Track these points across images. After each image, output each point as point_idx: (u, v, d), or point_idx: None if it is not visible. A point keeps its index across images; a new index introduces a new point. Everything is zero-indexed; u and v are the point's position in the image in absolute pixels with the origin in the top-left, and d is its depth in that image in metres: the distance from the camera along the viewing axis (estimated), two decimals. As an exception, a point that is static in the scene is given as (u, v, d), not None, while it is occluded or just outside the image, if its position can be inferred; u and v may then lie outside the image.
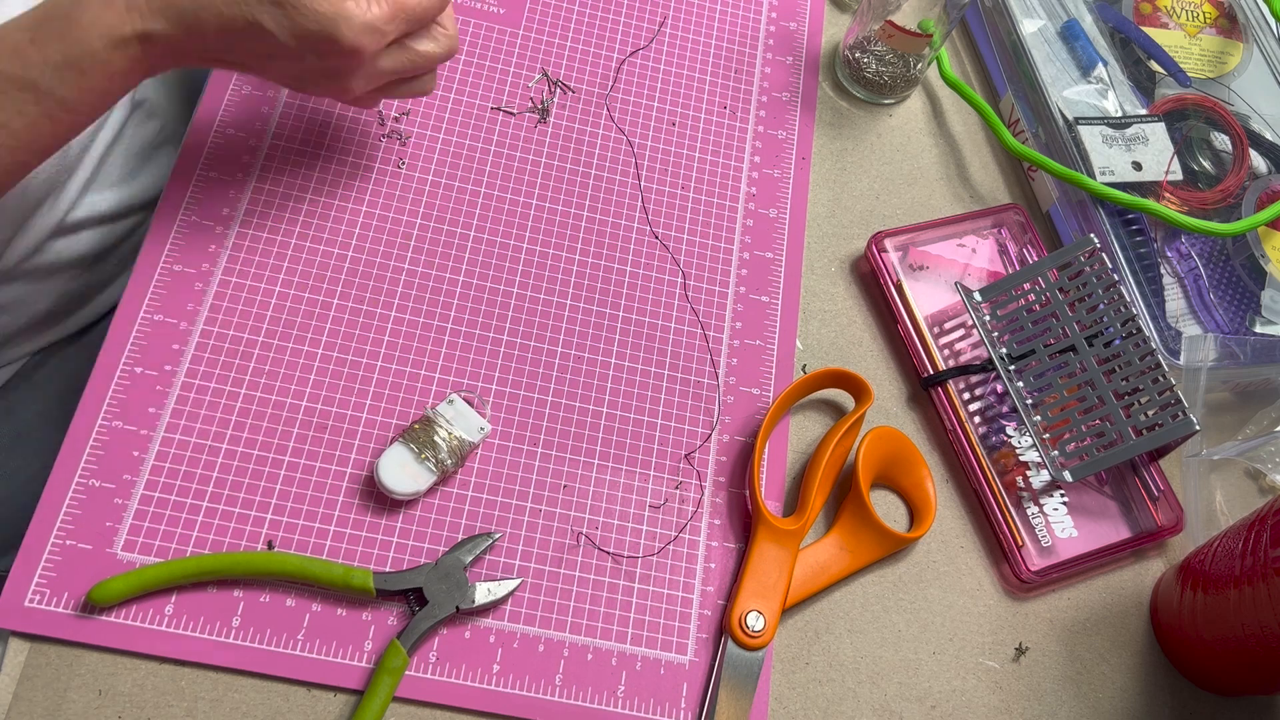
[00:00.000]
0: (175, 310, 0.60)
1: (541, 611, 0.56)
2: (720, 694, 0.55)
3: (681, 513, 0.60)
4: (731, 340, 0.65)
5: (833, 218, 0.70)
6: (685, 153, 0.70)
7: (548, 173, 0.68)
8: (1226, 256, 0.70)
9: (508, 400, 0.61)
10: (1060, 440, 0.62)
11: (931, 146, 0.74)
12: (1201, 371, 0.64)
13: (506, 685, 0.54)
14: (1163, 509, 0.63)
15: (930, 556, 0.61)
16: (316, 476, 0.57)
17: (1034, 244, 0.69)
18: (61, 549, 0.53)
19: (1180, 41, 0.77)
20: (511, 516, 0.58)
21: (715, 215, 0.68)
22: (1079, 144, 0.70)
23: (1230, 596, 0.54)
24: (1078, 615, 0.61)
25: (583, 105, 0.70)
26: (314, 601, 0.54)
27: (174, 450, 0.56)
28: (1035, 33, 0.75)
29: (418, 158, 0.66)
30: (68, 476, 0.55)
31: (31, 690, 0.51)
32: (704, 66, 0.74)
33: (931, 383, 0.64)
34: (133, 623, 0.52)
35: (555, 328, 0.63)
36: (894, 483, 0.62)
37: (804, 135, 0.72)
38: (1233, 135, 0.73)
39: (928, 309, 0.66)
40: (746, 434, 0.62)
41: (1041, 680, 0.59)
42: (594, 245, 0.66)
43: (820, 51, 0.76)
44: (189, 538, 0.54)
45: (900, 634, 0.59)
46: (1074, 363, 0.62)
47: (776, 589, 0.57)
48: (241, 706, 0.52)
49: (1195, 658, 0.59)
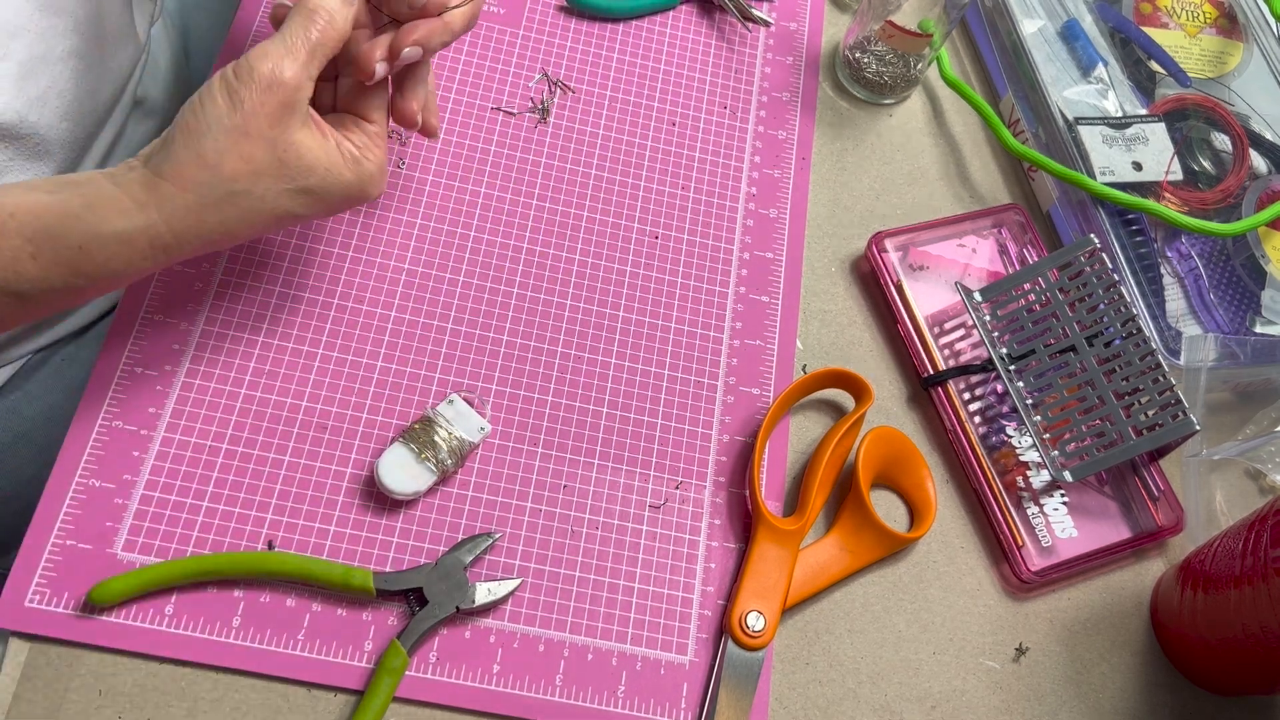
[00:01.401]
0: (175, 310, 0.60)
1: (541, 611, 0.56)
2: (720, 694, 0.55)
3: (681, 513, 0.60)
4: (731, 340, 0.65)
5: (833, 218, 0.70)
6: (685, 153, 0.70)
7: (548, 173, 0.68)
8: (1226, 256, 0.70)
9: (508, 400, 0.61)
10: (1060, 440, 0.62)
11: (931, 146, 0.74)
12: (1201, 371, 0.64)
13: (506, 685, 0.54)
14: (1163, 509, 0.63)
15: (930, 556, 0.61)
16: (316, 476, 0.57)
17: (1034, 244, 0.69)
18: (61, 549, 0.53)
19: (1180, 41, 0.77)
20: (511, 516, 0.58)
21: (715, 215, 0.68)
22: (1079, 144, 0.70)
23: (1230, 596, 0.54)
24: (1078, 615, 0.61)
25: (583, 105, 0.70)
26: (314, 601, 0.54)
27: (174, 450, 0.56)
28: (1035, 33, 0.75)
29: (418, 158, 0.66)
30: (68, 476, 0.55)
31: (31, 690, 0.51)
32: (704, 66, 0.74)
33: (931, 383, 0.64)
34: (133, 623, 0.52)
35: (555, 328, 0.63)
36: (894, 483, 0.62)
37: (804, 135, 0.72)
38: (1233, 135, 0.73)
39: (928, 309, 0.66)
40: (746, 434, 0.62)
41: (1042, 680, 0.59)
42: (594, 245, 0.66)
43: (820, 51, 0.76)
44: (189, 538, 0.54)
45: (900, 634, 0.59)
46: (1074, 363, 0.62)
47: (776, 589, 0.57)
48: (241, 706, 0.52)
49: (1195, 658, 0.59)
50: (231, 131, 0.47)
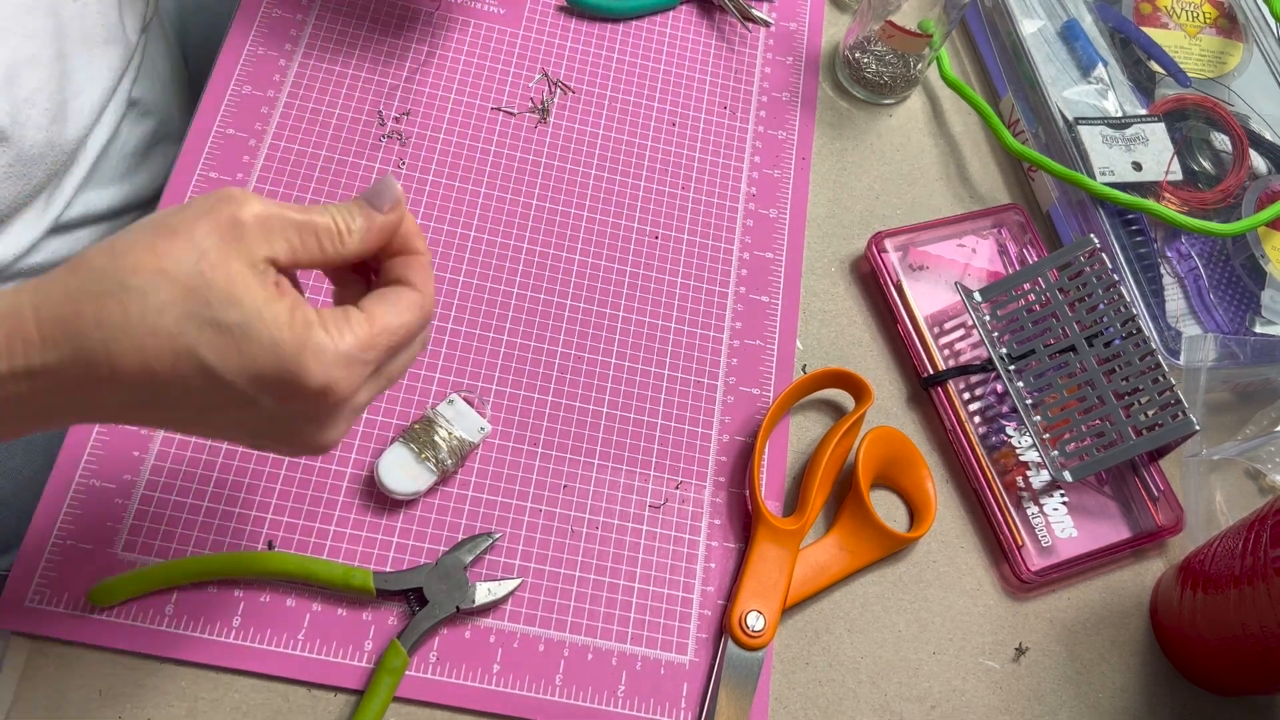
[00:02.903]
0: (175, 310, 0.59)
1: (541, 611, 0.56)
2: (720, 694, 0.55)
3: (681, 513, 0.60)
4: (731, 340, 0.65)
5: (833, 218, 0.70)
6: (685, 153, 0.70)
7: (548, 173, 0.68)
8: (1226, 256, 0.70)
9: (508, 400, 0.61)
10: (1060, 440, 0.62)
11: (931, 146, 0.74)
12: (1201, 371, 0.64)
13: (507, 685, 0.54)
14: (1163, 509, 0.63)
15: (930, 556, 0.61)
16: (316, 476, 0.57)
17: (1034, 244, 0.69)
18: (61, 549, 0.53)
19: (1180, 41, 0.77)
20: (511, 516, 0.58)
21: (715, 215, 0.68)
22: (1079, 144, 0.70)
23: (1230, 596, 0.54)
24: (1078, 615, 0.61)
25: (583, 105, 0.70)
26: (314, 601, 0.54)
27: (174, 450, 0.56)
28: (1035, 33, 0.75)
29: (418, 158, 0.66)
30: (68, 476, 0.55)
31: (31, 690, 0.51)
32: (704, 66, 0.74)
33: (931, 383, 0.64)
34: (133, 623, 0.52)
35: (555, 328, 0.63)
36: (894, 483, 0.62)
37: (804, 135, 0.72)
38: (1233, 135, 0.73)
39: (928, 309, 0.66)
40: (746, 434, 0.62)
41: (1041, 680, 0.59)
42: (594, 245, 0.66)
43: (820, 51, 0.76)
44: (189, 538, 0.54)
45: (900, 634, 0.59)
46: (1074, 363, 0.62)
47: (776, 589, 0.57)
48: (241, 706, 0.52)
49: (1195, 658, 0.59)
50: (159, 227, 0.37)
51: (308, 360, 0.37)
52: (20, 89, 0.56)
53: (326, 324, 0.38)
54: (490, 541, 0.56)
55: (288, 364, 0.37)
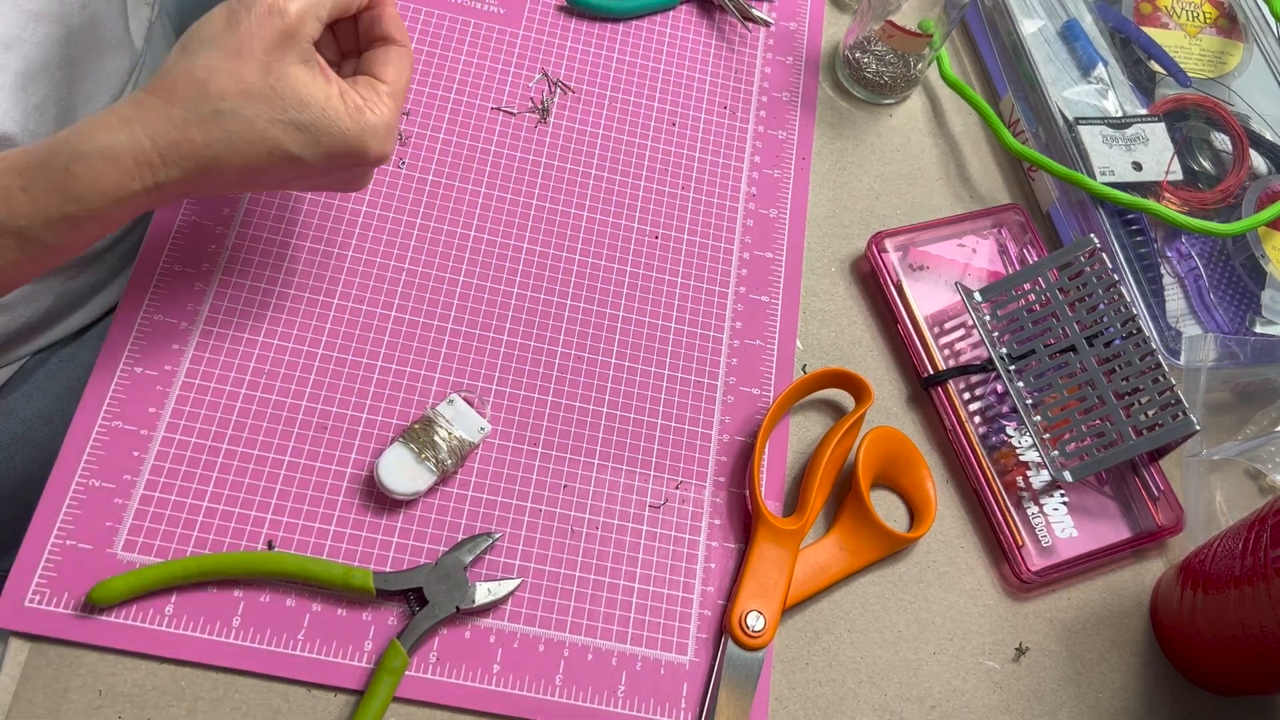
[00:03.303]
0: (175, 310, 0.60)
1: (541, 611, 0.56)
2: (720, 694, 0.55)
3: (681, 513, 0.60)
4: (731, 340, 0.65)
5: (833, 218, 0.70)
6: (685, 153, 0.70)
7: (548, 173, 0.68)
8: (1226, 256, 0.70)
9: (508, 400, 0.61)
10: (1060, 440, 0.62)
11: (931, 146, 0.74)
12: (1201, 371, 0.64)
13: (506, 685, 0.54)
14: (1163, 509, 0.63)
15: (930, 556, 0.61)
16: (316, 476, 0.57)
17: (1034, 244, 0.69)
18: (61, 549, 0.53)
19: (1180, 41, 0.77)
20: (511, 516, 0.58)
21: (715, 215, 0.68)
22: (1079, 144, 0.70)
23: (1230, 596, 0.54)
24: (1078, 615, 0.61)
25: (583, 105, 0.70)
26: (314, 601, 0.54)
27: (174, 450, 0.56)
28: (1035, 33, 0.75)
29: (418, 158, 0.66)
30: (68, 476, 0.55)
31: (31, 690, 0.51)
32: (704, 66, 0.74)
33: (931, 383, 0.64)
34: (133, 623, 0.52)
35: (555, 328, 0.63)
36: (894, 483, 0.62)
37: (804, 135, 0.72)
38: (1233, 135, 0.73)
39: (928, 309, 0.66)
40: (746, 434, 0.62)
41: (1041, 680, 0.59)
42: (594, 245, 0.66)
43: (820, 51, 0.76)
44: (189, 538, 0.54)
45: (900, 634, 0.59)
46: (1074, 363, 0.62)
47: (776, 589, 0.57)
48: (241, 706, 0.52)
49: (1195, 658, 0.59)
50: (224, 49, 0.46)
51: (367, 140, 0.49)
52: (31, 97, 0.56)
53: (369, 102, 0.50)
54: (490, 541, 0.56)
55: (353, 145, 0.49)
